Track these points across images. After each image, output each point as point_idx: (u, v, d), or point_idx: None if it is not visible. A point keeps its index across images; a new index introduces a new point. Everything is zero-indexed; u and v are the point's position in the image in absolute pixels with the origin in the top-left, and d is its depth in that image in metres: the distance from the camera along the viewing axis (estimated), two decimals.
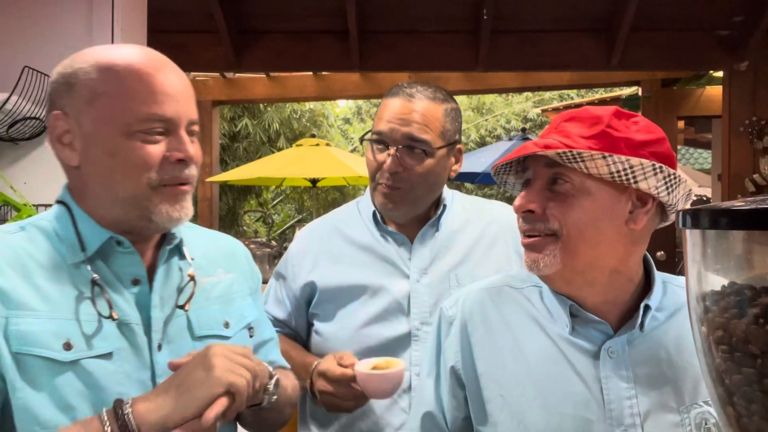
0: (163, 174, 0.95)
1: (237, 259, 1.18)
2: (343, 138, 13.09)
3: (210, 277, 1.10)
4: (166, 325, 1.00)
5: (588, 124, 0.96)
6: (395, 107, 1.38)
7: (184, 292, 1.03)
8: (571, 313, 0.99)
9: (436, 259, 1.43)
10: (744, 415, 0.51)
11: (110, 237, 0.97)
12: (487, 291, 1.10)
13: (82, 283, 0.94)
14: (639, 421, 0.94)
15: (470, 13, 4.19)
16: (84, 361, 0.91)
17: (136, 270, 0.99)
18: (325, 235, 1.51)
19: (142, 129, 0.93)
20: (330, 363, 1.30)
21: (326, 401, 1.31)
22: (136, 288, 0.99)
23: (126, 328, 0.96)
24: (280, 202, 10.80)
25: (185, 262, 1.06)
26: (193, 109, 1.00)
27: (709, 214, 0.51)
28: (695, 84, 5.43)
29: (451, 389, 1.06)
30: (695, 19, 4.20)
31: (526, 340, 1.02)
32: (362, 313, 1.40)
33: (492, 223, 1.50)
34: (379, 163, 1.38)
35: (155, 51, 1.01)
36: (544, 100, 12.25)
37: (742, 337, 0.50)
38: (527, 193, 0.98)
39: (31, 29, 2.35)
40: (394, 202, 1.40)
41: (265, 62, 4.64)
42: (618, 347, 0.97)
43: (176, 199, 0.97)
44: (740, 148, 4.28)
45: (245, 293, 1.16)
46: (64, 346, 0.90)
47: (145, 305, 0.99)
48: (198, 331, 1.04)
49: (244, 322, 1.12)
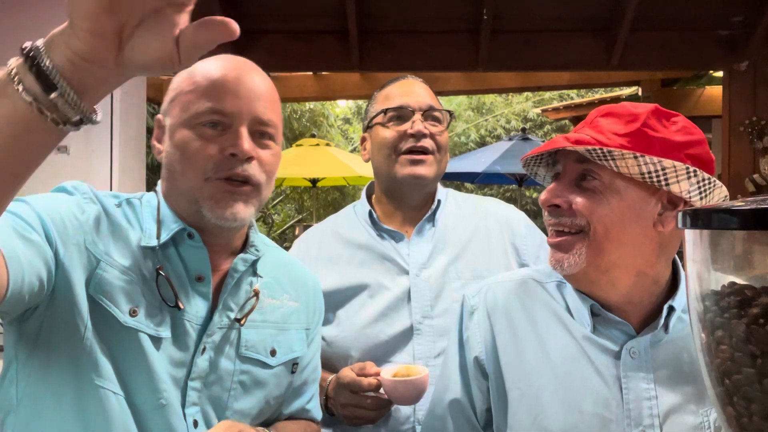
0: (218, 168, 0.96)
1: (306, 291, 1.17)
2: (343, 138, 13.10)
3: (274, 300, 1.09)
4: (218, 333, 1.00)
5: (624, 121, 0.95)
6: (405, 86, 1.50)
7: (245, 307, 1.03)
8: (592, 313, 0.98)
9: (434, 253, 1.45)
10: (744, 415, 0.51)
11: (182, 228, 0.99)
12: (512, 283, 1.10)
13: (150, 267, 0.97)
14: (658, 422, 0.93)
15: (470, 13, 4.19)
16: (141, 334, 0.92)
17: (202, 267, 1.00)
18: (323, 240, 1.53)
19: (202, 122, 0.96)
20: (351, 375, 1.30)
21: (350, 413, 1.31)
22: (200, 286, 1.00)
23: (181, 323, 0.97)
24: (280, 202, 10.81)
25: (256, 278, 1.07)
26: (262, 108, 0.99)
27: (709, 214, 0.51)
28: (695, 84, 5.44)
29: (476, 379, 1.06)
30: (695, 19, 4.20)
31: (548, 335, 1.01)
32: (364, 312, 1.41)
33: (487, 217, 1.52)
34: (402, 132, 1.43)
35: (244, 58, 1.06)
36: (544, 100, 12.25)
37: (742, 337, 0.50)
38: (554, 187, 0.97)
39: (31, 29, 2.35)
40: (424, 166, 1.43)
41: (265, 62, 4.60)
42: (640, 348, 0.96)
43: (225, 197, 0.96)
44: (740, 148, 4.28)
45: (302, 326, 1.14)
46: (131, 311, 0.93)
47: (206, 307, 1.00)
48: (244, 350, 1.03)
49: (291, 355, 1.10)
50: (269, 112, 1.00)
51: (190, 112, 0.97)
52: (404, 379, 1.25)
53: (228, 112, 0.96)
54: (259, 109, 0.99)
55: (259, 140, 0.99)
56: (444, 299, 1.40)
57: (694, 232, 0.54)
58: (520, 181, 6.34)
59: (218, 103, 0.96)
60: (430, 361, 1.36)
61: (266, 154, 0.99)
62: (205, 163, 0.95)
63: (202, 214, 0.97)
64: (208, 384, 0.98)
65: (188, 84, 0.99)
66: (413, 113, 1.44)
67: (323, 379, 1.37)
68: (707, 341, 0.54)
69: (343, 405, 1.31)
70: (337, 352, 1.40)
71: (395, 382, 1.25)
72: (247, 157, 0.96)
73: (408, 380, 1.24)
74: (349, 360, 1.38)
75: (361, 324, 1.40)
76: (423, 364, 1.34)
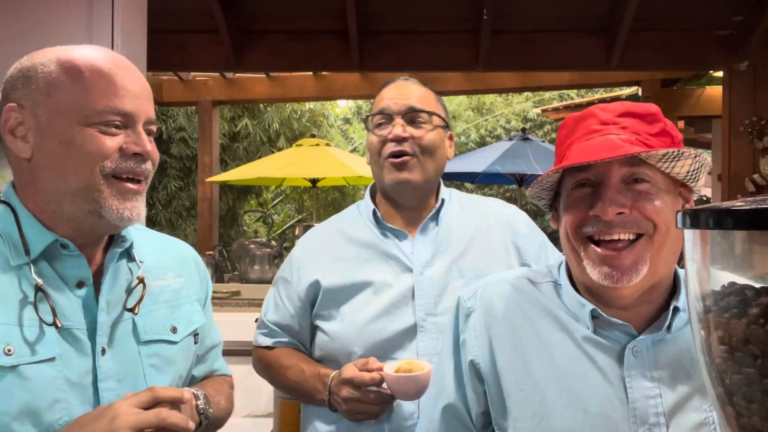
0: (118, 165, 0.94)
1: (188, 265, 1.17)
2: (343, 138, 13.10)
3: (159, 281, 1.08)
4: (112, 329, 0.98)
5: (647, 121, 0.94)
6: (393, 89, 1.49)
7: (132, 295, 1.01)
8: (592, 315, 0.98)
9: (437, 251, 1.46)
10: (744, 415, 0.51)
11: (55, 240, 0.95)
12: (507, 284, 1.08)
13: (25, 286, 0.92)
14: (663, 420, 0.93)
15: (470, 13, 4.20)
16: (23, 367, 0.89)
17: (82, 273, 0.97)
18: (328, 237, 1.54)
19: (101, 121, 0.93)
20: (354, 370, 1.30)
21: (352, 408, 1.31)
22: (81, 291, 0.97)
23: (68, 333, 0.94)
24: (280, 202, 10.81)
25: (134, 264, 1.05)
26: (151, 109, 1.00)
27: (709, 214, 0.51)
28: (695, 84, 5.44)
29: (471, 383, 1.05)
30: (695, 19, 4.20)
31: (548, 336, 1.00)
32: (368, 309, 1.41)
33: (489, 217, 1.53)
34: (383, 137, 1.44)
35: (114, 52, 1.02)
36: (544, 100, 12.25)
37: (742, 337, 0.50)
38: (610, 196, 0.91)
39: (31, 29, 2.35)
40: (406, 169, 1.43)
41: (265, 62, 4.64)
42: (642, 347, 0.95)
43: (127, 197, 0.95)
44: (740, 148, 4.29)
45: (193, 299, 1.15)
46: (5, 351, 0.88)
47: (91, 308, 0.97)
48: (144, 335, 1.03)
49: (191, 327, 1.12)
50: (152, 109, 1.00)
51: (84, 110, 0.92)
52: (407, 375, 1.25)
53: (128, 112, 0.95)
54: (151, 109, 0.99)
55: (148, 138, 0.99)
56: (447, 297, 1.40)
57: (694, 232, 0.54)
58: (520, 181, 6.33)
59: (118, 102, 0.94)
60: (433, 358, 1.36)
61: (155, 151, 0.99)
62: (103, 159, 0.92)
63: (98, 215, 0.94)
64: (122, 379, 0.98)
65: (72, 77, 0.93)
66: (392, 117, 1.44)
67: (325, 375, 1.38)
68: (707, 341, 0.54)
69: (346, 400, 1.31)
70: (340, 348, 1.41)
71: (398, 377, 1.25)
72: (149, 156, 0.97)
73: (411, 375, 1.25)
74: (353, 356, 1.39)
75: (364, 320, 1.40)
76: (427, 360, 1.34)
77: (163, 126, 8.02)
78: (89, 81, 0.93)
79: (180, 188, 8.25)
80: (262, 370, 1.57)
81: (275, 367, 1.51)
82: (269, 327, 1.53)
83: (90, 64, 0.95)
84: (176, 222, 8.33)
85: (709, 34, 4.24)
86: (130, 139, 0.95)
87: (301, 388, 1.44)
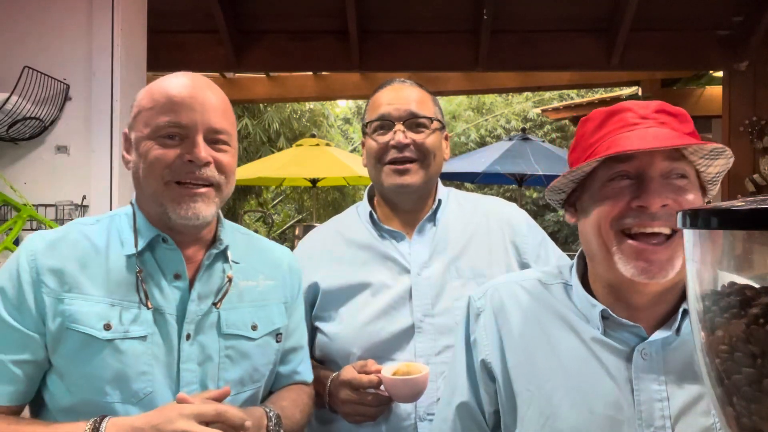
0: (175, 172, 1.08)
1: (280, 268, 1.29)
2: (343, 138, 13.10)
3: (249, 282, 1.22)
4: (199, 319, 1.13)
5: (680, 120, 0.95)
6: (390, 93, 1.48)
7: (220, 292, 1.16)
8: (602, 316, 0.97)
9: (435, 252, 1.46)
10: (744, 415, 0.51)
11: (157, 234, 1.13)
12: (517, 285, 1.08)
13: (130, 273, 1.10)
14: (669, 423, 0.93)
15: (470, 13, 4.20)
16: (118, 342, 1.06)
17: (178, 266, 1.14)
18: (327, 239, 1.54)
19: (161, 134, 1.09)
20: (352, 373, 1.31)
21: (350, 410, 1.32)
22: (178, 282, 1.13)
23: (161, 317, 1.10)
24: (280, 202, 10.81)
25: (228, 265, 1.19)
26: (216, 119, 1.12)
27: (709, 214, 0.51)
28: (695, 84, 5.44)
29: (483, 382, 1.06)
30: (695, 19, 4.20)
31: (557, 337, 1.00)
32: (366, 310, 1.42)
33: (488, 216, 1.53)
34: (385, 144, 1.44)
35: (198, 75, 1.17)
36: (544, 100, 12.25)
37: (742, 337, 0.49)
38: (655, 188, 0.90)
39: (31, 29, 2.35)
40: (409, 174, 1.43)
41: (265, 62, 4.64)
42: (652, 350, 0.95)
43: (183, 200, 1.09)
44: (740, 148, 4.28)
45: (280, 301, 1.26)
46: (105, 326, 1.06)
47: (184, 299, 1.13)
48: (225, 328, 1.16)
49: (272, 327, 1.23)
50: (222, 121, 1.13)
51: (150, 126, 1.09)
52: (404, 378, 1.26)
53: (184, 124, 1.09)
54: (212, 119, 1.11)
55: (214, 146, 1.12)
56: (445, 298, 1.41)
57: (693, 232, 0.54)
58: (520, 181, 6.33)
59: (174, 116, 1.08)
60: (431, 358, 1.37)
61: (223, 157, 1.12)
62: (162, 169, 1.08)
63: (168, 216, 1.10)
64: (201, 363, 1.12)
65: (148, 101, 1.11)
66: (394, 123, 1.44)
67: (325, 376, 1.38)
68: (707, 341, 0.53)
69: (344, 401, 1.32)
70: (339, 350, 1.41)
71: (395, 379, 1.26)
72: (203, 163, 1.09)
73: (408, 378, 1.25)
74: (351, 357, 1.39)
75: (362, 322, 1.41)
76: (424, 361, 1.35)
77: None
78: (157, 102, 1.10)
79: None
80: None
81: None
82: None
83: (160, 87, 1.12)
84: None
85: (709, 34, 4.24)
86: (186, 148, 1.09)
87: None
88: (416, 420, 1.36)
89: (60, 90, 2.31)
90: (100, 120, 2.30)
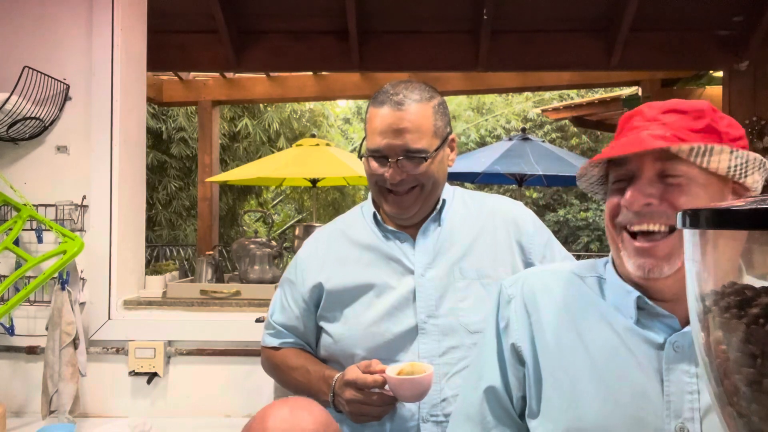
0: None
1: None
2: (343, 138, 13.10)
3: None
4: None
5: (692, 117, 0.94)
6: (386, 119, 1.39)
7: None
8: (638, 306, 0.97)
9: (439, 253, 1.46)
10: (744, 415, 0.51)
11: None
12: (550, 274, 1.09)
13: None
14: (698, 415, 0.92)
15: (470, 13, 4.19)
16: None
17: None
18: (332, 239, 1.55)
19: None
20: (357, 372, 1.31)
21: (355, 410, 1.32)
22: None
23: None
24: (280, 202, 10.81)
25: None
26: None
27: (709, 214, 0.51)
28: (695, 84, 5.43)
29: (512, 366, 1.06)
30: (695, 19, 4.20)
31: (587, 325, 1.01)
32: (370, 311, 1.42)
33: (494, 215, 1.52)
34: (381, 174, 1.43)
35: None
36: (544, 100, 12.25)
37: (742, 337, 0.49)
38: (638, 187, 0.93)
39: (31, 29, 2.34)
40: (406, 206, 1.44)
41: (265, 62, 4.64)
42: (685, 342, 0.94)
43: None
44: None
45: None
46: None
47: None
48: None
49: None
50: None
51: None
52: (409, 377, 1.26)
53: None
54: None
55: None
56: (449, 299, 1.41)
57: (693, 232, 0.54)
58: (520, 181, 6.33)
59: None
60: (435, 359, 1.37)
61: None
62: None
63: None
64: None
65: None
66: (387, 159, 1.40)
67: (330, 376, 1.39)
68: (707, 341, 0.53)
69: (349, 401, 1.32)
70: (343, 350, 1.42)
71: (400, 379, 1.26)
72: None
73: (412, 378, 1.26)
74: (355, 358, 1.40)
75: (367, 323, 1.41)
76: (428, 362, 1.35)
77: (162, 126, 8.03)
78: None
79: (180, 188, 8.26)
80: (270, 370, 1.58)
81: (282, 368, 1.52)
82: (276, 328, 1.55)
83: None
84: (176, 222, 8.33)
85: (709, 34, 4.24)
86: None
87: (306, 389, 1.44)
88: (419, 420, 1.36)
89: (60, 90, 2.31)
90: (100, 120, 2.30)
